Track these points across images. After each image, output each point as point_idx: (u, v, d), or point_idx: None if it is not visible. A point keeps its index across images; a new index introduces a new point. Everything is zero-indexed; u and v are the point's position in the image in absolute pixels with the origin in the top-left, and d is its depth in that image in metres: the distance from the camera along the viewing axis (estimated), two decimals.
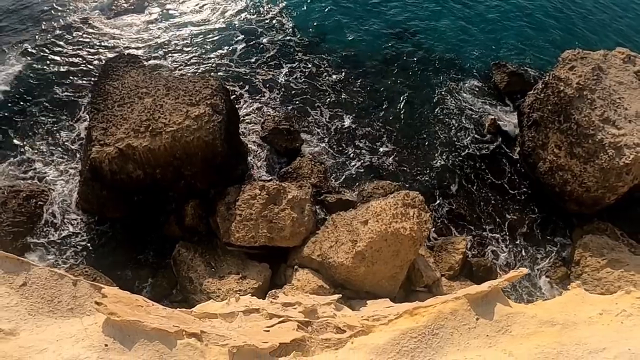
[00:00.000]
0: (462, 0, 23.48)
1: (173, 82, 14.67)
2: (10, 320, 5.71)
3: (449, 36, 21.27)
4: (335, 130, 17.03)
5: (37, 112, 16.74)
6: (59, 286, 6.43)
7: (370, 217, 12.04)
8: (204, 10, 21.46)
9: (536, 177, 15.37)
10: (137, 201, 14.05)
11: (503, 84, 18.43)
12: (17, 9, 20.66)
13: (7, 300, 5.92)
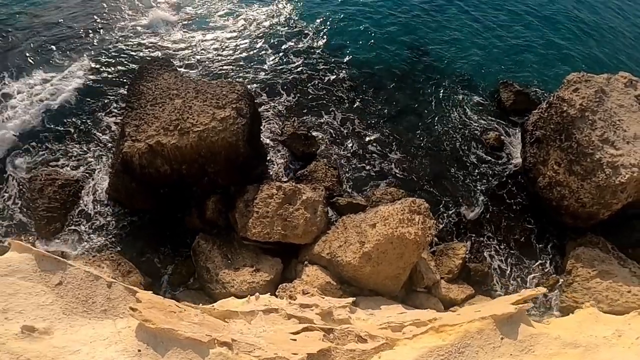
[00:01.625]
0: (474, 23, 23.42)
1: (202, 85, 14.68)
2: (45, 319, 5.54)
3: (459, 55, 21.27)
4: (348, 136, 17.08)
5: (76, 108, 17.04)
6: (94, 287, 6.20)
7: (379, 221, 12.12)
8: (238, 22, 21.74)
9: (535, 191, 15.36)
10: (162, 194, 14.08)
11: (509, 102, 18.39)
12: (73, 22, 21.22)
13: (42, 298, 5.73)
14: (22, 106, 16.77)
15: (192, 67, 19.13)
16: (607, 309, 12.02)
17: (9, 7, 21.43)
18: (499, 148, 17.17)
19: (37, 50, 19.30)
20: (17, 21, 20.81)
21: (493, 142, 17.15)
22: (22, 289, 5.45)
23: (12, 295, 5.27)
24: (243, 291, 11.99)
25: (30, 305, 5.36)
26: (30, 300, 5.40)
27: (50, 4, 21.90)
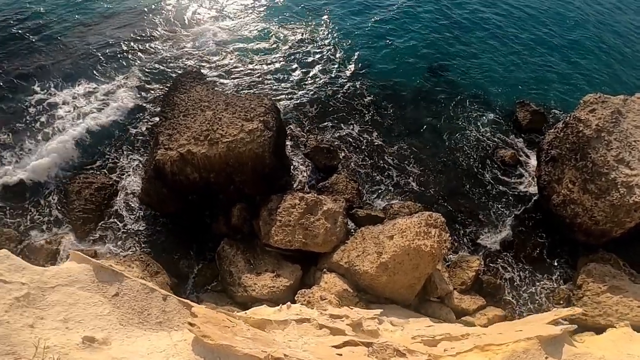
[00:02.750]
0: (494, 41, 23.42)
1: (232, 98, 14.82)
2: (103, 329, 5.43)
3: (478, 74, 21.25)
4: (368, 150, 17.15)
5: (116, 118, 17.59)
6: (149, 299, 6.08)
7: (396, 233, 12.10)
8: (270, 39, 22.24)
9: (549, 208, 15.19)
10: (191, 200, 14.20)
11: (525, 122, 18.30)
12: (120, 35, 22.01)
13: (100, 309, 5.63)
14: (68, 117, 17.29)
15: (224, 81, 19.50)
16: (615, 322, 11.87)
17: (60, 19, 22.44)
18: (514, 166, 17.03)
19: (84, 62, 20.10)
20: (66, 32, 21.76)
21: (509, 159, 17.03)
22: (82, 299, 5.46)
23: (72, 305, 5.29)
24: (264, 295, 12.08)
25: (89, 315, 5.36)
26: (88, 310, 5.40)
27: (100, 17, 22.92)
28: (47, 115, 17.33)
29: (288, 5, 24.87)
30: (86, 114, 17.52)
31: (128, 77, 19.40)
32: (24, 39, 21.05)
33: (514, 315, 13.03)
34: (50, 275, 5.29)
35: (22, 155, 15.94)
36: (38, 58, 20.00)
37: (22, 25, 21.89)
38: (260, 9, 24.64)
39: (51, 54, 20.34)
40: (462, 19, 24.90)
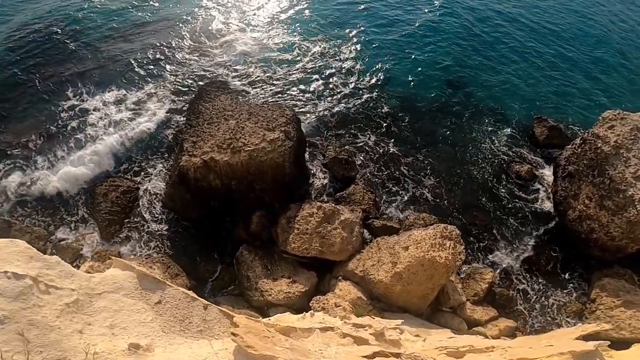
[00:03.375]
0: (514, 57, 23.33)
1: (254, 108, 14.97)
2: (146, 336, 5.44)
3: (496, 88, 21.17)
4: (385, 161, 17.20)
5: (145, 126, 18.04)
6: (191, 308, 6.07)
7: (411, 244, 12.14)
8: (293, 51, 22.58)
9: (564, 223, 15.08)
10: (212, 206, 14.40)
11: (542, 137, 18.17)
12: (151, 45, 22.67)
13: (143, 316, 5.63)
14: (99, 125, 17.83)
15: (247, 91, 19.85)
16: (628, 335, 11.81)
17: (96, 26, 23.47)
18: (530, 180, 16.91)
19: (115, 70, 20.76)
20: (100, 40, 22.62)
21: (525, 174, 16.93)
22: (126, 306, 5.48)
23: (117, 312, 5.32)
24: (279, 300, 12.21)
25: (133, 322, 5.38)
26: (132, 317, 5.42)
27: (133, 26, 23.76)
28: (79, 120, 17.88)
29: (313, 18, 25.26)
30: (117, 122, 17.99)
31: (156, 86, 19.88)
32: (61, 44, 21.95)
33: (525, 326, 12.96)
34: (97, 281, 5.40)
35: (54, 162, 16.46)
36: (72, 64, 20.79)
37: (61, 31, 22.89)
38: (285, 21, 25.10)
39: (84, 60, 21.10)
40: (483, 34, 24.93)
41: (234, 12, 25.75)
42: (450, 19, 25.98)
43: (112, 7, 25.07)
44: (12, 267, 4.51)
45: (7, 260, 4.63)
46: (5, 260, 4.60)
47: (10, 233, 13.85)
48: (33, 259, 4.79)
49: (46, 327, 4.34)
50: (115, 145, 17.15)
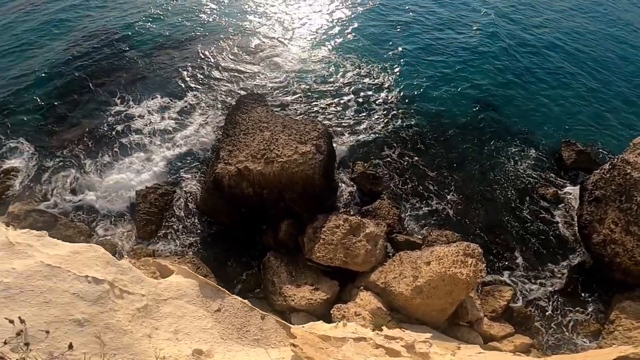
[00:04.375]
0: (547, 79, 23.31)
1: (288, 121, 15.21)
2: (207, 342, 5.51)
3: (526, 110, 21.15)
4: (411, 178, 17.32)
5: (184, 131, 18.82)
6: (248, 317, 6.15)
7: (434, 260, 12.25)
8: (330, 68, 23.15)
9: (587, 246, 15.00)
10: (244, 212, 14.64)
11: (570, 161, 18.04)
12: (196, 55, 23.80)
13: (204, 322, 5.72)
14: (144, 131, 18.71)
15: (282, 104, 20.44)
16: None
17: (146, 40, 24.69)
18: (554, 203, 16.82)
19: (160, 78, 21.77)
20: (149, 51, 23.88)
21: (550, 197, 16.86)
22: (189, 313, 5.54)
23: (180, 318, 5.40)
24: (301, 306, 12.41)
25: (195, 328, 5.44)
26: (194, 323, 5.48)
27: (181, 38, 25.02)
28: (125, 125, 18.86)
29: (352, 36, 25.90)
30: (160, 129, 18.83)
31: (198, 96, 20.70)
32: (115, 53, 23.50)
33: (541, 343, 12.94)
34: (163, 288, 5.51)
35: (100, 164, 17.32)
36: (123, 72, 22.14)
37: (116, 40, 24.45)
38: (324, 39, 25.82)
39: (134, 69, 22.34)
40: (520, 56, 24.98)
41: (276, 28, 26.65)
42: (488, 41, 26.19)
43: (164, 21, 26.56)
44: (92, 271, 4.66)
45: (87, 265, 4.78)
46: (85, 264, 4.74)
47: (56, 227, 14.61)
48: (109, 264, 4.94)
49: (120, 331, 4.48)
50: (157, 151, 17.87)
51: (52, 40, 24.61)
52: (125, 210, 15.83)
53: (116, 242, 14.83)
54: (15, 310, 3.88)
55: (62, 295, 4.23)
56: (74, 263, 4.59)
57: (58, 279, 4.33)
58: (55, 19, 26.54)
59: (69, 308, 4.18)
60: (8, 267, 4.18)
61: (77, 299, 4.28)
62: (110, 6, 28.38)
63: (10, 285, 4.04)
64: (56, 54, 23.19)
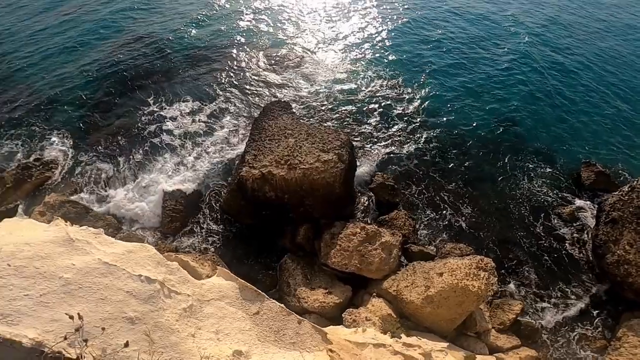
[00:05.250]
0: (570, 98, 23.24)
1: (313, 130, 15.42)
2: (245, 343, 5.60)
3: (545, 129, 21.16)
4: (428, 191, 17.51)
5: (212, 135, 19.48)
6: (285, 321, 6.24)
7: (446, 271, 12.44)
8: (356, 79, 23.59)
9: (600, 265, 15.02)
10: (264, 215, 14.91)
11: (588, 182, 18.03)
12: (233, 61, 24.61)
13: (243, 324, 5.83)
14: (175, 133, 19.43)
15: (308, 112, 20.92)
16: None
17: (182, 45, 25.81)
18: (570, 222, 16.85)
19: (192, 83, 22.61)
20: (184, 56, 24.94)
21: (566, 216, 16.90)
22: (229, 314, 5.70)
23: (221, 319, 5.56)
24: (314, 308, 12.59)
25: (234, 329, 5.58)
26: (234, 324, 5.63)
27: (216, 46, 25.97)
28: (157, 126, 19.66)
29: (381, 49, 26.37)
30: (191, 132, 19.55)
31: (227, 101, 21.37)
32: (155, 57, 24.72)
33: (547, 356, 13.04)
34: (207, 289, 5.68)
35: (132, 162, 18.06)
36: (159, 73, 23.17)
37: (156, 42, 25.83)
38: (354, 50, 26.40)
39: (169, 71, 23.46)
40: (552, 78, 24.89)
41: (308, 40, 27.36)
42: (516, 58, 26.33)
43: (204, 28, 27.83)
44: (144, 271, 4.83)
45: (140, 264, 4.95)
46: (138, 263, 4.91)
47: (87, 218, 15.29)
48: (160, 264, 5.12)
49: (168, 330, 4.61)
50: (187, 153, 18.52)
51: (99, 41, 26.16)
52: (153, 207, 16.37)
53: (142, 236, 15.31)
54: (73, 305, 4.07)
55: (116, 293, 4.40)
56: (128, 262, 4.75)
57: (114, 276, 4.51)
58: (103, 22, 28.18)
59: (123, 306, 4.33)
60: (68, 263, 4.39)
61: (131, 297, 4.45)
62: (155, 12, 29.90)
63: (70, 281, 4.24)
64: (102, 55, 24.55)
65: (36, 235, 4.49)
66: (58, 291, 4.07)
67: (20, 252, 4.21)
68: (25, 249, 4.26)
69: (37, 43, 25.79)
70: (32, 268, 4.12)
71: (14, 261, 4.10)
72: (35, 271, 4.12)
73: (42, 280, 4.10)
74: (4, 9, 30.28)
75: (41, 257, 4.22)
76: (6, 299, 3.83)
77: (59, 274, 4.19)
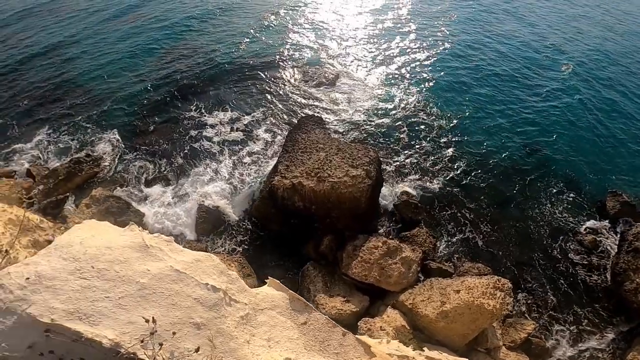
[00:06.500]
0: (604, 129, 23.15)
1: (343, 145, 15.70)
2: (293, 351, 5.75)
3: (572, 155, 21.19)
4: (450, 210, 17.80)
5: (250, 145, 20.39)
6: (330, 332, 6.35)
7: (463, 289, 12.66)
8: (389, 100, 24.06)
9: (618, 292, 15.13)
10: (292, 223, 15.32)
11: (613, 211, 18.08)
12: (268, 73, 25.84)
13: (291, 333, 5.95)
14: (214, 140, 20.40)
15: (339, 128, 21.59)
16: None
17: (224, 60, 27.05)
18: (591, 250, 16.91)
19: (230, 93, 23.74)
20: (229, 69, 26.13)
21: (588, 243, 16.99)
22: (279, 323, 5.84)
23: (272, 327, 5.71)
24: (331, 315, 12.66)
25: (284, 337, 5.71)
26: (283, 333, 5.76)
27: (258, 60, 27.14)
28: (197, 131, 20.78)
29: (422, 73, 26.72)
30: (229, 140, 20.48)
31: (264, 112, 22.33)
32: (203, 66, 26.10)
33: None
34: (261, 298, 5.91)
35: (175, 166, 19.02)
36: (207, 84, 24.53)
37: (204, 55, 27.37)
38: (392, 73, 26.79)
39: (213, 82, 24.72)
40: (597, 110, 24.71)
41: (345, 58, 28.09)
42: (560, 87, 26.29)
43: (251, 45, 29.09)
44: (210, 279, 5.03)
45: (206, 273, 5.13)
46: (205, 272, 5.11)
47: (127, 213, 16.15)
48: (223, 274, 5.33)
49: (228, 336, 4.81)
50: (224, 158, 19.45)
51: (156, 50, 28.07)
52: (188, 207, 17.23)
53: (175, 234, 16.07)
54: (147, 309, 4.30)
55: (185, 299, 4.64)
56: (196, 270, 5.01)
57: (183, 283, 4.75)
58: (162, 32, 30.27)
59: (190, 312, 4.57)
60: (144, 269, 4.65)
61: (198, 304, 4.68)
62: (210, 24, 31.77)
63: (145, 285, 4.48)
64: (157, 63, 26.37)
65: (115, 239, 4.83)
66: (134, 295, 4.35)
67: (102, 255, 4.53)
68: (107, 252, 4.59)
69: (101, 49, 27.94)
70: (112, 271, 4.43)
71: (97, 264, 4.41)
72: (115, 275, 4.43)
73: (121, 283, 4.38)
74: (72, 17, 32.72)
75: (121, 261, 4.56)
76: (89, 300, 4.11)
77: (136, 278, 4.48)
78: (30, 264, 4.19)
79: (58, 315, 3.82)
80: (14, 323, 3.78)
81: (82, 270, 4.26)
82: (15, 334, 3.77)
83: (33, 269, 4.13)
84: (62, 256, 4.33)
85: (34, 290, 3.94)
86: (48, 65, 26.25)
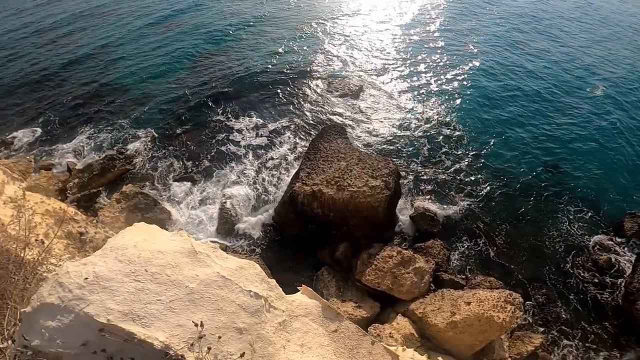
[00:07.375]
0: (632, 151, 22.97)
1: (364, 156, 15.98)
2: (324, 357, 5.92)
3: (591, 176, 21.07)
4: (465, 223, 17.98)
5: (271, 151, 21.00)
6: (360, 341, 6.47)
7: (474, 301, 12.86)
8: (411, 113, 24.39)
9: (630, 311, 15.14)
10: (310, 228, 15.73)
11: (631, 232, 18.00)
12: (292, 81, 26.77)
13: (322, 339, 6.08)
14: (241, 144, 21.16)
15: (361, 139, 22.02)
16: None
17: (263, 70, 28.07)
18: (606, 270, 16.88)
19: (256, 100, 24.66)
20: (261, 81, 27.00)
21: (602, 263, 16.97)
22: (311, 330, 5.98)
23: (305, 333, 5.86)
24: None
25: (315, 343, 5.85)
26: (315, 339, 5.91)
27: (290, 73, 27.87)
28: (224, 135, 21.64)
29: (448, 89, 26.87)
30: (254, 145, 21.18)
31: (288, 120, 23.10)
32: (237, 76, 27.12)
33: None
34: (296, 305, 6.08)
35: (202, 168, 19.79)
36: (240, 92, 25.50)
37: (240, 66, 28.40)
38: (412, 84, 27.15)
39: (240, 88, 25.71)
40: (620, 129, 24.56)
41: (372, 71, 28.51)
42: (589, 107, 26.08)
43: (283, 58, 29.85)
44: (253, 286, 5.15)
45: (249, 280, 5.25)
46: (248, 279, 5.24)
47: (153, 210, 17.04)
48: (263, 281, 5.46)
49: (267, 341, 4.92)
50: (249, 162, 20.21)
51: (192, 56, 29.58)
52: (212, 208, 17.99)
53: (194, 233, 16.74)
54: (195, 313, 4.45)
55: (230, 305, 4.76)
56: (240, 277, 5.15)
57: (228, 289, 4.87)
58: (200, 39, 31.75)
59: (234, 317, 4.69)
60: (193, 274, 4.80)
61: (241, 309, 4.81)
62: (246, 32, 33.13)
63: (194, 290, 4.63)
64: (192, 69, 27.74)
65: (166, 244, 5.06)
66: (184, 299, 4.49)
67: (155, 259, 4.71)
68: (159, 256, 4.76)
69: (142, 53, 29.65)
70: (164, 275, 4.59)
71: (150, 267, 4.59)
72: (167, 278, 4.58)
73: (172, 287, 4.53)
74: (118, 21, 34.58)
75: (172, 265, 4.74)
76: (142, 302, 4.26)
77: (185, 283, 4.64)
78: (88, 264, 4.49)
79: (114, 316, 4.06)
80: (71, 321, 4.00)
81: (136, 273, 4.49)
82: (71, 332, 3.98)
83: (91, 269, 4.40)
84: (118, 258, 4.60)
85: (92, 290, 4.21)
86: (93, 66, 28.01)
